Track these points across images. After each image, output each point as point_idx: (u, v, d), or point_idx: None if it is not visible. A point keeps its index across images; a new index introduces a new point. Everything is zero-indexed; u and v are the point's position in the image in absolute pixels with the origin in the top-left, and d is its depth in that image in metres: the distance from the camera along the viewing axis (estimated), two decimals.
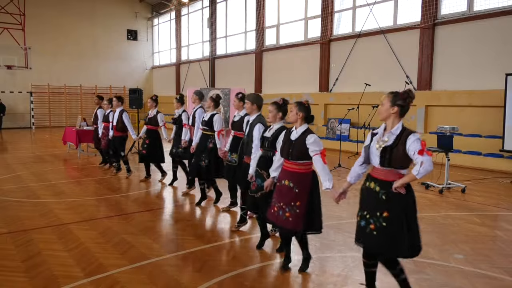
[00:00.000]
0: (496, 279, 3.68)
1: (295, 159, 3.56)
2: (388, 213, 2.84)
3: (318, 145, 3.48)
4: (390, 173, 2.87)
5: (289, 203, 3.57)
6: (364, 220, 2.97)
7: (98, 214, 5.69)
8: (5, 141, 15.81)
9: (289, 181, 3.60)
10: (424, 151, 2.70)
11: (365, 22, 13.22)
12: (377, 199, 2.90)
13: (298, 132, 3.58)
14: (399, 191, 2.81)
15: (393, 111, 2.89)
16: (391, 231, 2.83)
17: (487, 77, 10.25)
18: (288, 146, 3.59)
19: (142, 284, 3.50)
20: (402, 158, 2.81)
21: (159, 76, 26.46)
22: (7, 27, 19.92)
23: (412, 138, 2.77)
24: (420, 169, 2.68)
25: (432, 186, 7.45)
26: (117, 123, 8.13)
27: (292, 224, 3.57)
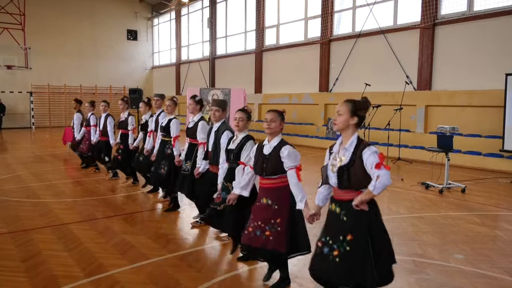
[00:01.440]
0: (496, 279, 3.68)
1: (270, 175, 3.25)
2: (352, 235, 2.56)
3: (293, 159, 3.16)
4: (350, 192, 2.62)
5: (269, 221, 3.26)
6: (328, 247, 2.64)
7: (98, 214, 5.69)
8: (5, 141, 15.81)
9: (267, 198, 3.30)
10: (381, 164, 2.47)
11: (365, 22, 13.22)
12: (338, 222, 2.65)
13: (271, 145, 3.25)
14: (361, 208, 2.56)
15: (352, 122, 2.63)
16: (356, 256, 2.54)
17: (487, 77, 10.25)
18: (261, 162, 3.27)
19: (142, 284, 3.50)
20: (362, 177, 2.56)
21: (159, 76, 26.47)
22: (7, 27, 19.93)
23: (368, 152, 2.53)
24: (377, 183, 2.45)
25: (432, 186, 7.45)
26: (103, 127, 7.95)
27: (273, 244, 3.21)
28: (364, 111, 2.65)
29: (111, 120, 7.93)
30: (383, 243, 2.64)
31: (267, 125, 3.27)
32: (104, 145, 8.04)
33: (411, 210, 6.04)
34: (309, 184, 7.88)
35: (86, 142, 8.57)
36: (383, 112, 10.98)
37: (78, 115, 9.10)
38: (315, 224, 3.14)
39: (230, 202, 3.65)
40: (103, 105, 8.13)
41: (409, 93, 11.40)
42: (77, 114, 9.15)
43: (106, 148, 8.06)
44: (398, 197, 6.85)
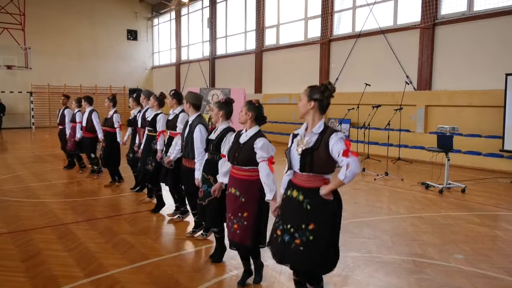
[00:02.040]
0: (496, 279, 3.68)
1: (241, 164, 3.22)
2: (314, 224, 2.52)
3: (266, 151, 3.10)
4: (314, 179, 2.56)
5: (236, 214, 3.25)
6: (288, 235, 2.59)
7: (98, 214, 5.69)
8: (5, 141, 15.81)
9: (236, 189, 3.27)
10: (349, 151, 2.41)
11: (365, 22, 13.22)
12: (301, 210, 2.57)
13: (248, 135, 3.23)
14: (326, 198, 2.53)
15: (310, 107, 2.61)
16: (320, 245, 2.52)
17: (487, 77, 10.25)
18: (234, 150, 3.25)
19: (142, 284, 3.50)
20: (325, 162, 2.51)
21: (159, 76, 26.47)
22: (7, 27, 19.93)
23: (335, 138, 2.48)
24: (347, 172, 2.39)
25: (432, 186, 7.46)
26: (86, 123, 7.76)
27: (239, 237, 3.24)
28: (321, 94, 2.60)
29: (96, 115, 7.73)
30: (337, 232, 2.64)
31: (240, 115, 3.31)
32: (89, 141, 7.84)
33: (411, 210, 6.04)
34: None
35: (72, 140, 8.33)
36: (383, 112, 10.98)
37: (69, 111, 8.81)
38: None
39: (215, 194, 3.61)
40: (83, 101, 7.94)
41: (409, 93, 11.40)
42: (68, 110, 8.88)
43: (91, 145, 7.86)
44: (398, 197, 6.85)
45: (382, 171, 8.73)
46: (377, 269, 3.84)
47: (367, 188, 7.52)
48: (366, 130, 10.73)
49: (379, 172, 8.76)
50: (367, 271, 3.79)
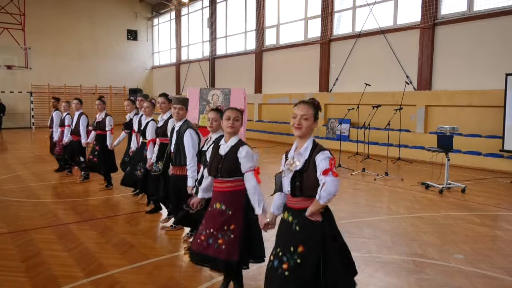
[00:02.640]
0: (496, 279, 3.68)
1: (225, 176, 3.03)
2: (304, 247, 2.37)
3: (251, 160, 2.95)
4: (303, 200, 2.43)
5: (222, 228, 3.03)
6: (277, 259, 2.44)
7: (98, 214, 5.69)
8: (5, 141, 15.81)
9: (221, 203, 3.07)
10: (330, 170, 2.29)
11: (365, 22, 13.22)
12: (290, 231, 2.45)
13: (229, 145, 3.05)
14: (315, 219, 2.39)
15: (315, 127, 2.46)
16: (306, 269, 2.34)
17: (487, 77, 10.25)
18: (217, 162, 3.06)
19: (142, 284, 3.50)
20: (314, 183, 2.36)
21: (159, 76, 26.47)
22: (7, 27, 19.93)
23: (320, 157, 2.35)
24: (322, 192, 2.28)
25: (432, 186, 7.45)
26: (75, 127, 7.59)
27: (225, 253, 2.98)
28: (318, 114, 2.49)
29: (84, 119, 7.50)
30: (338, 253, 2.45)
31: (230, 124, 3.03)
32: (77, 145, 7.60)
33: (411, 210, 6.04)
34: None
35: (60, 144, 8.16)
36: (383, 112, 10.98)
37: (58, 113, 8.54)
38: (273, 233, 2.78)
39: (194, 206, 3.42)
40: (75, 103, 7.65)
41: (409, 93, 11.40)
42: (57, 112, 8.60)
43: (78, 149, 7.60)
44: (398, 197, 6.85)
45: (382, 171, 8.73)
46: (377, 269, 3.84)
47: (367, 188, 7.52)
48: (366, 130, 10.73)
49: (379, 172, 8.76)
50: (367, 271, 3.79)
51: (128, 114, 6.67)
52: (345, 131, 13.18)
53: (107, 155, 6.95)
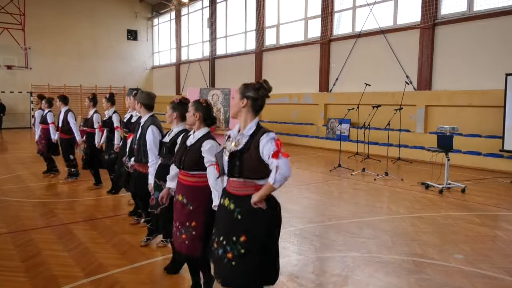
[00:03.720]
0: (496, 279, 3.68)
1: (187, 169, 2.97)
2: (246, 236, 2.31)
3: (214, 154, 2.80)
4: (245, 186, 2.35)
5: (184, 223, 2.99)
6: (221, 248, 2.39)
7: (98, 214, 5.69)
8: (5, 141, 15.81)
9: (183, 196, 3.02)
10: (279, 152, 2.23)
11: (365, 22, 13.22)
12: (232, 220, 2.37)
13: (195, 137, 2.99)
14: (259, 206, 2.33)
15: (242, 104, 2.39)
16: (251, 259, 2.31)
17: (487, 77, 10.25)
18: (181, 153, 3.01)
19: (142, 284, 3.50)
20: (256, 165, 2.29)
21: (159, 76, 26.47)
22: (7, 27, 19.93)
23: (266, 139, 2.28)
24: (276, 175, 2.21)
25: (432, 186, 7.45)
26: (62, 124, 7.38)
27: (186, 248, 2.97)
28: (255, 92, 2.39)
29: (71, 115, 7.36)
30: (275, 242, 2.43)
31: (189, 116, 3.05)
32: (66, 142, 7.47)
33: (411, 210, 6.04)
34: (311, 184, 7.89)
35: (42, 142, 7.92)
36: (383, 112, 10.98)
37: (41, 112, 8.27)
38: None
39: (163, 200, 3.34)
40: (57, 101, 7.52)
41: (409, 93, 11.40)
42: (39, 111, 8.34)
43: (67, 146, 7.47)
44: (398, 197, 6.85)
45: (382, 171, 8.73)
46: (377, 269, 3.84)
47: (367, 188, 7.52)
48: (366, 130, 10.73)
49: (379, 172, 8.76)
50: (367, 271, 3.79)
51: (106, 111, 6.55)
52: (345, 131, 13.18)
53: (95, 153, 6.84)
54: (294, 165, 10.17)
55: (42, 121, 7.98)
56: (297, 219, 5.48)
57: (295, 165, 10.18)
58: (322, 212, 5.89)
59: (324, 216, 5.66)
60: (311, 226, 5.20)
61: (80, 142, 7.37)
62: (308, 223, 5.33)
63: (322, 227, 5.17)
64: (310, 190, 7.34)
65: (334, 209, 6.02)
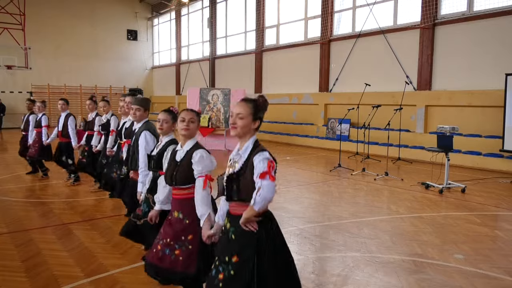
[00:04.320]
0: (496, 279, 3.68)
1: (180, 184, 2.81)
2: (238, 257, 2.20)
3: (203, 165, 2.71)
4: (240, 205, 2.27)
5: (179, 238, 2.80)
6: (215, 269, 2.30)
7: (98, 214, 5.69)
8: (5, 141, 15.82)
9: (178, 211, 2.86)
10: (267, 174, 2.12)
11: (365, 22, 13.22)
12: (227, 240, 2.30)
13: (184, 150, 2.83)
14: (250, 228, 2.21)
15: (254, 127, 2.28)
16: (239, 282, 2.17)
17: (487, 77, 10.25)
18: (172, 169, 2.85)
19: (142, 284, 3.50)
20: (252, 186, 2.18)
21: (159, 76, 26.48)
22: (7, 27, 19.93)
23: (258, 158, 2.18)
24: (256, 197, 2.10)
25: (432, 186, 7.45)
26: (62, 128, 7.27)
27: (182, 265, 2.77)
28: (264, 112, 2.31)
29: (72, 120, 7.26)
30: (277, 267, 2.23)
31: (185, 126, 2.81)
32: (65, 146, 7.32)
33: (411, 210, 6.04)
34: (311, 184, 7.90)
35: (36, 145, 7.75)
36: (383, 112, 10.99)
37: (35, 116, 8.05)
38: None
39: (153, 221, 3.13)
40: (61, 103, 7.34)
41: (409, 93, 11.40)
42: (33, 116, 8.08)
43: (67, 150, 7.32)
44: (398, 197, 6.85)
45: (382, 171, 8.73)
46: (377, 269, 3.84)
47: (367, 188, 7.52)
48: (366, 130, 10.73)
49: (379, 172, 8.76)
50: (367, 271, 3.79)
51: (104, 115, 6.53)
52: (345, 131, 13.18)
53: (95, 156, 6.70)
54: (294, 165, 10.17)
55: (37, 125, 7.83)
56: (297, 219, 5.48)
57: (295, 165, 10.18)
58: (322, 212, 5.89)
59: (324, 216, 5.66)
60: (311, 226, 5.20)
61: (76, 148, 7.27)
62: (308, 223, 5.33)
63: (322, 227, 5.17)
64: (310, 190, 7.34)
65: (334, 209, 6.02)
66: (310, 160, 11.19)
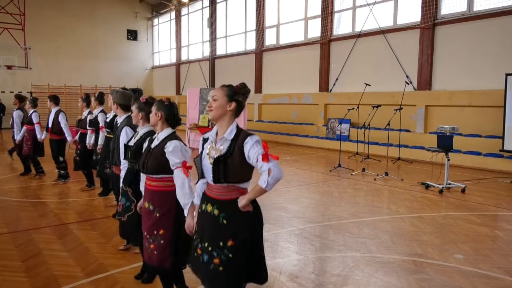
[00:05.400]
0: (496, 279, 3.68)
1: (151, 173, 2.81)
2: (234, 241, 2.27)
3: (178, 155, 2.68)
4: (229, 190, 2.29)
5: (152, 232, 2.82)
6: (207, 254, 2.33)
7: (98, 214, 5.69)
8: (5, 141, 15.81)
9: (149, 202, 2.85)
10: (268, 155, 2.19)
11: (365, 22, 13.22)
12: (217, 225, 2.31)
13: (159, 138, 2.84)
14: (246, 209, 2.28)
15: (230, 108, 2.33)
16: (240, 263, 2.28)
17: (487, 77, 10.25)
18: (144, 157, 2.86)
19: (142, 284, 3.50)
20: (241, 170, 2.26)
21: (159, 76, 26.47)
22: (7, 27, 19.92)
23: (250, 142, 2.23)
24: (269, 179, 2.15)
25: (432, 186, 7.45)
26: (52, 125, 7.25)
27: (156, 259, 2.81)
28: (243, 96, 2.36)
29: (62, 116, 7.25)
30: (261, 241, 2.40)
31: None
32: (56, 144, 7.34)
33: (411, 210, 6.04)
34: (311, 184, 7.89)
35: (28, 143, 7.75)
36: (383, 112, 10.99)
37: (19, 113, 7.98)
38: None
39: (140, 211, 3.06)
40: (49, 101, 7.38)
41: (409, 93, 11.40)
42: (17, 112, 8.01)
43: (57, 147, 7.35)
44: (398, 197, 6.85)
45: (382, 171, 8.73)
46: (377, 269, 3.84)
47: (367, 188, 7.52)
48: (366, 130, 10.73)
49: (379, 172, 8.76)
50: (367, 271, 3.79)
51: (94, 111, 6.51)
52: (345, 131, 13.18)
53: (88, 154, 6.69)
54: (294, 165, 10.17)
55: (28, 122, 7.79)
56: (297, 219, 5.48)
57: (295, 165, 10.18)
58: (322, 212, 5.89)
59: (324, 216, 5.66)
60: (311, 226, 5.20)
61: (71, 142, 7.26)
62: (308, 223, 5.33)
63: (322, 227, 5.17)
64: (310, 190, 7.34)
65: (334, 209, 6.01)
66: (310, 160, 11.19)
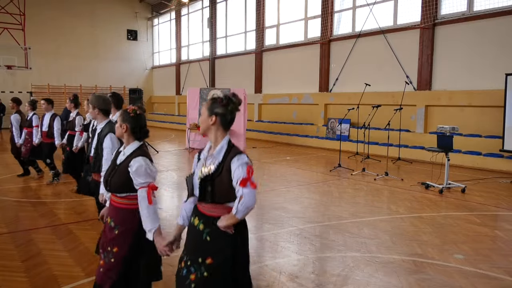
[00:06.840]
0: (496, 279, 3.68)
1: (114, 191, 2.63)
2: (213, 259, 2.18)
3: (143, 175, 2.51)
4: (215, 208, 2.23)
5: (106, 248, 2.63)
6: (186, 268, 2.25)
7: (98, 214, 5.68)
8: (5, 141, 15.80)
9: (111, 218, 2.67)
10: (248, 180, 2.08)
11: (365, 22, 13.22)
12: (199, 240, 2.23)
13: (125, 154, 2.61)
14: (225, 230, 2.18)
15: (211, 122, 2.23)
16: (214, 284, 2.17)
17: (487, 77, 10.25)
18: (109, 173, 2.66)
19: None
20: (228, 189, 2.16)
21: (159, 76, 26.47)
22: (7, 27, 19.91)
23: (236, 163, 2.14)
24: (239, 206, 2.07)
25: (432, 186, 7.45)
26: (48, 129, 7.29)
27: (100, 278, 2.60)
28: (224, 108, 2.23)
29: (58, 120, 7.26)
30: (245, 268, 2.31)
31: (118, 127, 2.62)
32: (47, 147, 7.35)
33: (411, 210, 6.04)
34: (311, 184, 7.89)
35: (28, 145, 7.70)
36: (383, 112, 10.99)
37: (16, 117, 7.94)
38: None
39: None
40: (44, 103, 7.28)
41: (409, 93, 11.40)
42: (15, 116, 7.97)
43: (48, 150, 7.38)
44: (398, 197, 6.85)
45: (382, 171, 8.73)
46: (377, 269, 3.84)
47: (367, 188, 7.52)
48: (366, 130, 10.73)
49: (379, 172, 8.76)
50: (367, 271, 3.79)
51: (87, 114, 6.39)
52: (345, 131, 13.18)
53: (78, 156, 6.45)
54: (294, 165, 10.17)
55: (29, 125, 7.73)
56: (297, 219, 5.49)
57: (295, 165, 10.18)
58: (322, 212, 5.89)
59: (324, 216, 5.66)
60: (311, 226, 5.20)
61: (59, 146, 7.21)
62: (308, 223, 5.33)
63: (322, 227, 5.17)
64: (310, 190, 7.34)
65: (334, 209, 6.01)
66: (310, 160, 11.19)
